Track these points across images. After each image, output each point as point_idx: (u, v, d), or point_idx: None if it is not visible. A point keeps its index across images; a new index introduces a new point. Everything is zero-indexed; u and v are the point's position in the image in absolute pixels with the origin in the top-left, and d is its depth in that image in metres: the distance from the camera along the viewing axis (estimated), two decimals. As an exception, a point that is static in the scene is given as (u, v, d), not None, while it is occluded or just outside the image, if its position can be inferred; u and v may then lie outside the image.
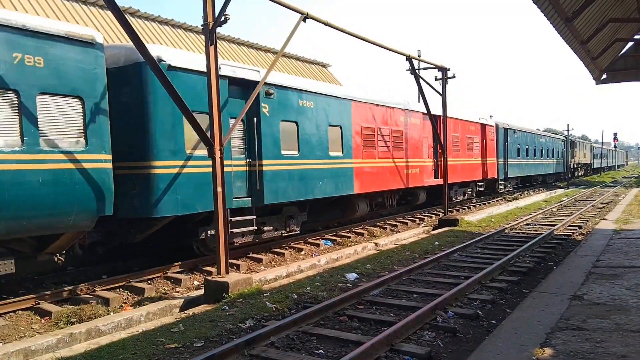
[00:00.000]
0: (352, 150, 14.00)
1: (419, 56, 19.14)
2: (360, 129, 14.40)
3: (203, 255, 10.37)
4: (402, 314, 6.83)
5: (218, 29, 8.49)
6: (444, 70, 17.29)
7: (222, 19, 8.39)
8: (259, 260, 10.99)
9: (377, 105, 15.34)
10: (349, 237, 14.00)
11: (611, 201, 23.94)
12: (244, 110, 9.63)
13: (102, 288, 8.51)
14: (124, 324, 6.95)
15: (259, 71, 11.03)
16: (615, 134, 69.72)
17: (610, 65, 16.47)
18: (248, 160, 10.70)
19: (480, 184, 23.97)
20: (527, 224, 16.30)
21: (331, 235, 13.95)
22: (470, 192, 23.41)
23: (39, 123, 7.12)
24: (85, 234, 8.64)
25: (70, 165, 7.47)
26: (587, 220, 16.60)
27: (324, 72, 27.03)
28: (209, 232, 9.93)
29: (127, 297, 8.45)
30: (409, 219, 17.67)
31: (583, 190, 33.71)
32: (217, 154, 8.37)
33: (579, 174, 53.01)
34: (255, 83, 10.33)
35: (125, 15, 7.86)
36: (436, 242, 12.97)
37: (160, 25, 18.59)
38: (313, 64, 26.63)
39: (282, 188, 11.34)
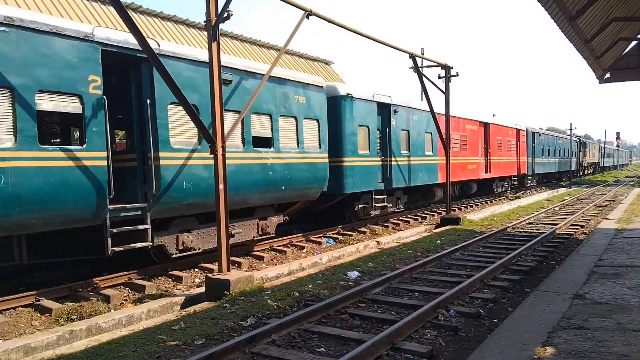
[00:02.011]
0: (438, 151, 18.75)
1: (422, 54, 19.07)
2: (440, 134, 17.84)
3: (351, 222, 15.20)
4: (403, 312, 6.81)
5: (221, 25, 8.46)
6: (447, 68, 17.23)
7: (225, 15, 8.36)
8: (261, 258, 10.98)
9: (452, 116, 18.93)
10: (351, 235, 13.98)
11: (613, 200, 23.89)
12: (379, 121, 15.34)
13: (103, 285, 8.51)
14: (124, 321, 6.94)
15: (390, 96, 15.97)
16: (617, 134, 69.61)
17: (614, 64, 16.39)
18: (382, 157, 15.48)
19: (514, 178, 29.42)
20: (529, 223, 16.27)
21: (333, 234, 13.94)
22: (506, 185, 28.41)
23: (303, 134, 12.12)
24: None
25: (315, 160, 12.43)
26: (589, 220, 16.57)
27: (327, 69, 26.98)
28: (359, 205, 14.81)
29: (128, 295, 8.44)
30: (410, 218, 17.65)
31: (585, 189, 33.63)
32: (219, 150, 8.33)
33: (589, 171, 58.42)
34: (388, 105, 15.79)
35: (128, 12, 7.82)
36: (438, 241, 12.95)
37: (163, 21, 18.57)
38: (316, 61, 26.59)
39: (400, 177, 16.26)
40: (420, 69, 16.64)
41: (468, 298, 7.47)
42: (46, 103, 7.23)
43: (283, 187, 11.33)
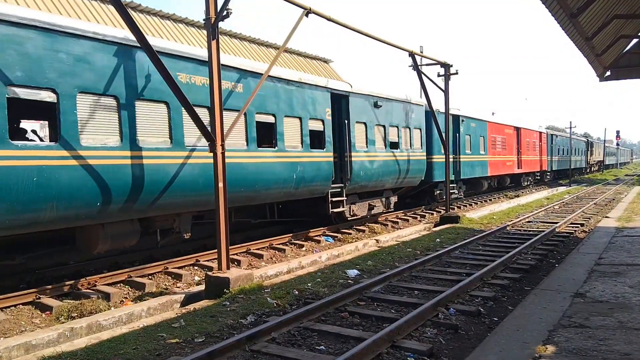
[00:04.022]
0: (488, 149, 24.31)
1: (422, 52, 19.02)
2: (489, 137, 24.51)
3: (430, 203, 20.27)
4: (403, 310, 6.81)
5: (220, 24, 8.44)
6: (446, 66, 17.21)
7: (224, 13, 8.33)
8: (260, 256, 10.97)
9: (494, 122, 25.63)
10: (350, 233, 13.98)
11: (613, 199, 23.89)
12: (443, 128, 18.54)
13: (103, 283, 8.50)
14: (124, 318, 6.94)
15: (459, 109, 21.27)
16: (617, 132, 69.59)
17: (614, 62, 16.37)
18: (454, 155, 20.30)
19: (537, 174, 35.76)
20: (529, 222, 16.27)
21: (332, 232, 13.93)
22: (531, 179, 34.38)
23: (414, 138, 16.99)
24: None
25: (421, 157, 17.49)
26: (589, 218, 16.56)
27: (327, 67, 26.94)
28: (437, 191, 20.06)
29: (128, 292, 8.43)
30: (410, 216, 17.64)
31: (585, 187, 33.63)
32: (219, 149, 8.33)
33: (594, 169, 63.95)
34: (458, 116, 21.09)
35: (128, 10, 7.81)
36: (437, 239, 12.95)
37: (162, 20, 18.53)
38: (315, 59, 26.55)
39: (465, 171, 21.59)
40: (419, 67, 16.62)
41: (468, 296, 7.46)
42: (312, 124, 12.57)
43: (402, 176, 16.33)
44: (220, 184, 8.33)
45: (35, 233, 7.80)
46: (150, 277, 9.13)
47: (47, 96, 7.22)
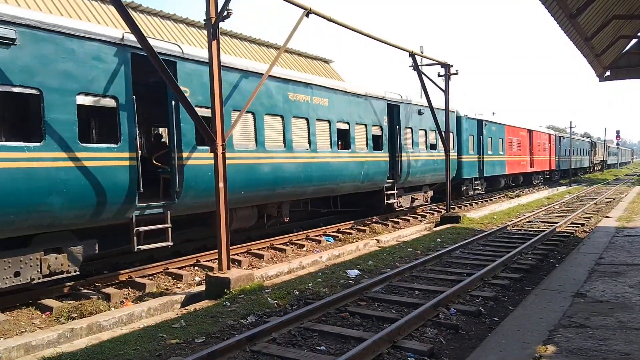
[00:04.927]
0: (506, 150, 26.94)
1: (422, 52, 19.04)
2: (507, 139, 27.15)
3: (460, 198, 22.79)
4: (404, 310, 6.80)
5: (220, 24, 8.44)
6: (447, 66, 17.22)
7: (225, 13, 8.34)
8: (260, 256, 10.98)
9: (511, 126, 28.18)
10: (351, 233, 13.98)
11: (613, 199, 23.88)
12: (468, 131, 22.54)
13: (103, 283, 8.50)
14: (125, 319, 6.94)
15: (482, 114, 24.15)
16: (617, 132, 69.51)
17: (614, 62, 16.37)
18: (478, 155, 23.24)
19: (547, 173, 39.00)
20: (529, 221, 16.27)
21: (333, 232, 13.94)
22: (540, 178, 37.23)
23: (439, 140, 18.23)
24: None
25: (454, 157, 19.41)
26: (589, 218, 16.55)
27: (327, 67, 26.95)
28: (463, 187, 22.68)
29: (128, 293, 8.43)
30: (410, 216, 17.64)
31: (585, 187, 33.63)
32: (219, 149, 8.33)
33: (597, 168, 66.50)
34: (482, 120, 23.74)
35: (128, 10, 7.81)
36: (438, 239, 12.94)
37: (163, 20, 18.55)
38: (316, 59, 26.57)
39: (488, 169, 24.42)
40: (419, 67, 16.63)
41: (469, 296, 7.46)
42: (374, 130, 15.15)
43: (438, 173, 18.71)
44: (221, 184, 8.33)
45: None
46: (150, 277, 9.14)
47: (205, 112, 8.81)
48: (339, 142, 13.68)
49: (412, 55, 15.57)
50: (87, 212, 7.63)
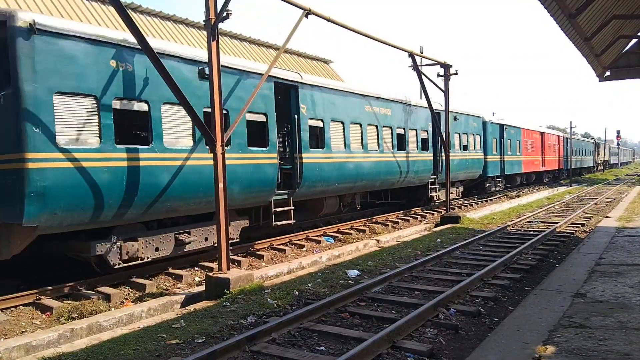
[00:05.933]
0: (522, 151, 29.93)
1: (421, 52, 19.03)
2: (522, 141, 30.02)
3: (485, 193, 25.62)
4: (404, 311, 6.81)
5: (220, 25, 8.44)
6: (446, 66, 17.21)
7: (224, 14, 8.34)
8: (260, 257, 10.98)
9: (526, 128, 31.15)
10: (351, 233, 13.98)
11: (614, 199, 23.88)
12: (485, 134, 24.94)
13: (103, 284, 8.50)
14: (125, 319, 6.94)
15: (503, 119, 27.29)
16: (618, 132, 69.53)
17: (614, 62, 16.39)
18: (500, 156, 25.97)
19: (556, 172, 42.16)
20: (529, 222, 16.26)
21: (333, 232, 13.94)
22: (550, 177, 40.64)
23: (477, 142, 22.94)
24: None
25: (480, 157, 23.22)
26: (589, 218, 16.56)
27: (327, 68, 26.96)
28: (486, 184, 25.18)
29: (128, 293, 8.43)
30: (410, 216, 17.64)
31: (585, 187, 33.63)
32: (219, 149, 8.33)
33: (600, 167, 69.45)
34: (503, 125, 26.61)
35: (128, 11, 7.82)
36: (438, 239, 12.95)
37: (162, 21, 18.56)
38: (316, 60, 26.57)
39: (509, 168, 27.44)
40: (419, 67, 16.63)
41: (468, 297, 7.46)
42: (422, 134, 18.26)
43: (469, 171, 21.61)
44: (221, 184, 8.33)
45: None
46: (150, 277, 9.14)
47: (260, 117, 10.92)
48: (398, 144, 16.44)
49: (411, 55, 15.57)
50: (250, 195, 10.51)
